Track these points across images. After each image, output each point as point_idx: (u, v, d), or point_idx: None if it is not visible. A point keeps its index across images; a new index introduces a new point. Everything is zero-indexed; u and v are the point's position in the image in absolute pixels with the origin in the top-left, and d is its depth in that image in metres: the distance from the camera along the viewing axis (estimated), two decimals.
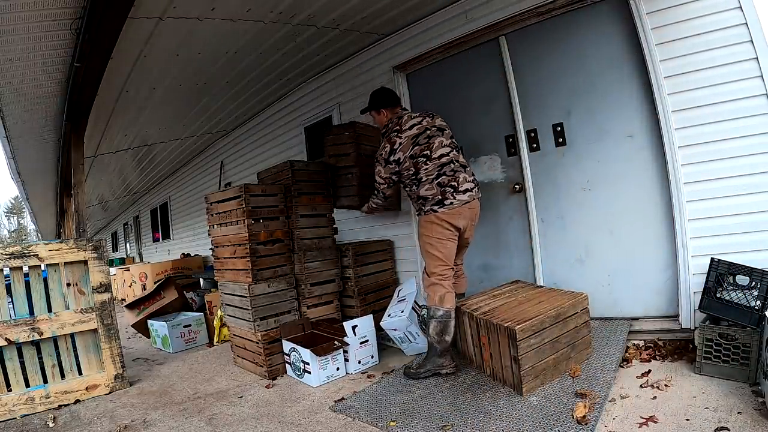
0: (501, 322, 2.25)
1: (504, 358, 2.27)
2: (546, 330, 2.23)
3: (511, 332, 2.16)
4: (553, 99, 3.04)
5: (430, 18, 3.50)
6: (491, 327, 2.33)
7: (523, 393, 2.15)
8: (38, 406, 2.77)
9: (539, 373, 2.20)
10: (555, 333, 2.26)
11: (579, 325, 2.38)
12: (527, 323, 2.17)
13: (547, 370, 2.24)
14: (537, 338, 2.19)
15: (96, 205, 11.19)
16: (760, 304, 2.13)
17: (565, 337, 2.30)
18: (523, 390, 2.15)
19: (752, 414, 1.79)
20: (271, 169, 3.53)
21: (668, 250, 2.67)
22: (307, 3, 3.08)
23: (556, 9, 2.91)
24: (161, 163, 7.80)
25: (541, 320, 2.22)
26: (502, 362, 2.30)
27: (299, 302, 3.23)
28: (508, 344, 2.21)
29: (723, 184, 2.42)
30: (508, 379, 2.27)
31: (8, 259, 2.80)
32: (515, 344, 2.15)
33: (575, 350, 2.35)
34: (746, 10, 2.28)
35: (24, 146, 4.95)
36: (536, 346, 2.19)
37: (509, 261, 3.34)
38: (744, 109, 2.33)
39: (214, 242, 3.42)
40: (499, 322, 2.27)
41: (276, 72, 4.33)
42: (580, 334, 2.38)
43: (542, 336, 2.21)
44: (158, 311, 4.54)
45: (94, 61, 3.01)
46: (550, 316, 2.25)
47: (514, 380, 2.21)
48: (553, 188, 3.08)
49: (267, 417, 2.38)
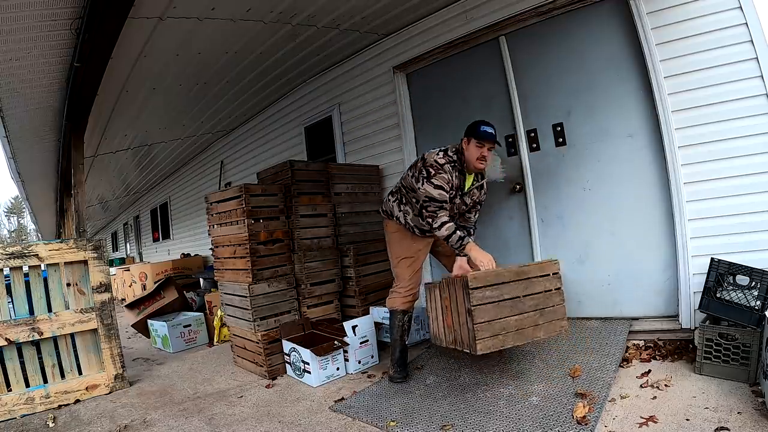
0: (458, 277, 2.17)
1: (461, 316, 2.12)
2: (505, 285, 2.08)
3: (464, 281, 2.04)
4: (553, 99, 3.04)
5: (430, 18, 3.50)
6: (450, 285, 2.20)
7: (477, 350, 1.99)
8: (38, 406, 2.77)
9: (498, 332, 2.04)
10: (517, 291, 2.10)
11: (549, 289, 2.18)
12: (482, 273, 2.08)
13: (508, 332, 2.06)
14: (494, 291, 2.04)
15: (96, 205, 11.20)
16: (760, 304, 2.13)
17: (531, 299, 2.12)
18: (477, 347, 1.98)
19: (752, 414, 1.79)
20: (271, 169, 3.53)
21: (668, 250, 2.67)
22: (307, 3, 3.09)
23: (556, 9, 2.91)
24: (161, 163, 7.80)
25: (498, 273, 2.10)
26: (459, 320, 2.14)
27: (299, 302, 3.23)
28: (463, 297, 2.07)
29: (723, 184, 2.42)
30: (464, 338, 2.11)
31: (8, 259, 2.80)
32: (468, 294, 2.01)
33: (544, 317, 2.15)
34: (746, 10, 2.28)
35: (24, 146, 4.96)
36: (493, 299, 2.04)
37: (509, 261, 3.32)
38: (744, 109, 2.33)
39: (214, 242, 3.42)
40: (455, 277, 2.20)
41: (276, 72, 4.33)
42: (550, 301, 2.18)
43: (501, 291, 2.06)
44: (158, 311, 4.54)
45: (94, 61, 3.01)
46: (510, 271, 2.12)
47: (469, 337, 2.05)
48: (553, 188, 3.08)
49: (267, 417, 2.38)
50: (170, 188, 9.34)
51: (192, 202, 8.17)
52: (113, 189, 9.86)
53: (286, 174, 3.33)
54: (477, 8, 3.22)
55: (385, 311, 2.88)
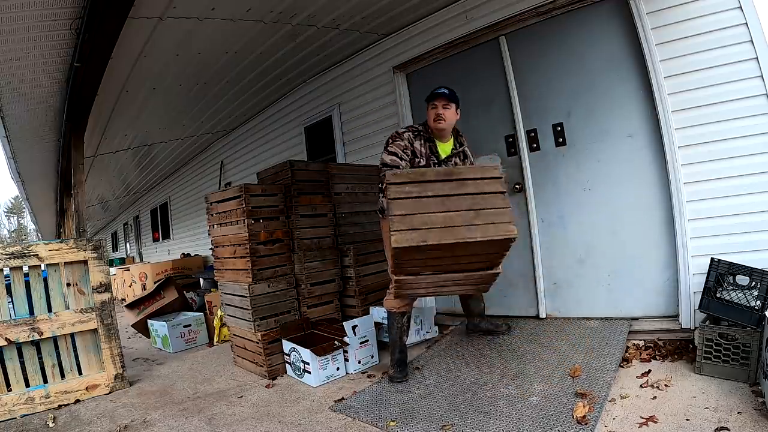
0: None
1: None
2: (430, 183, 2.00)
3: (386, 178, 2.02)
4: (553, 99, 3.04)
5: (430, 18, 3.50)
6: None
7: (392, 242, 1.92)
8: (38, 406, 2.77)
9: (418, 226, 1.94)
10: (445, 190, 2.01)
11: (487, 192, 2.03)
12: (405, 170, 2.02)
13: (432, 227, 1.95)
14: (416, 187, 1.98)
15: (96, 205, 11.20)
16: (760, 304, 2.13)
17: (464, 199, 2.00)
18: (392, 238, 1.91)
19: (752, 414, 1.79)
20: (271, 169, 3.53)
21: (668, 250, 2.67)
22: (307, 3, 3.09)
23: (557, 9, 2.91)
24: (161, 163, 7.80)
25: (422, 171, 2.07)
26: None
27: (299, 302, 3.23)
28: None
29: (723, 184, 2.42)
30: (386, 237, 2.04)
31: (8, 258, 2.80)
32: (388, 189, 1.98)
33: (482, 218, 1.97)
34: (746, 10, 2.28)
35: (24, 146, 4.96)
36: (414, 194, 1.97)
37: (509, 261, 3.28)
38: (744, 109, 2.33)
39: (214, 242, 3.42)
40: None
41: (276, 72, 4.33)
42: (489, 203, 2.01)
43: (425, 187, 1.99)
44: (158, 311, 4.54)
45: (94, 61, 3.01)
46: (437, 172, 2.09)
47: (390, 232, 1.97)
48: (553, 188, 3.08)
49: (267, 417, 2.38)
50: (170, 188, 9.34)
51: (192, 202, 8.17)
52: (113, 189, 9.86)
53: (286, 174, 3.33)
54: (477, 8, 3.22)
55: (384, 311, 2.88)
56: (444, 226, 1.93)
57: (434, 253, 2.02)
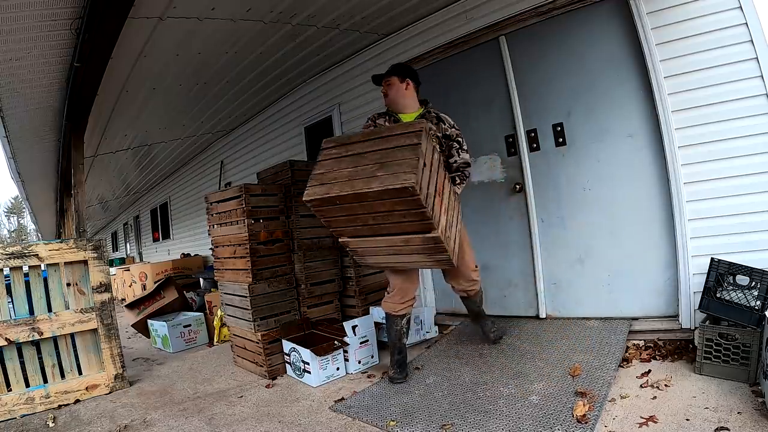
0: None
1: None
2: (355, 144, 2.09)
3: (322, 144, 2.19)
4: (553, 99, 3.04)
5: (430, 18, 3.50)
6: None
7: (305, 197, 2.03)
8: (38, 406, 2.77)
9: (327, 181, 2.02)
10: (364, 148, 2.07)
11: (402, 145, 2.00)
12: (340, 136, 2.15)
13: (337, 182, 2.01)
14: (340, 149, 2.08)
15: (96, 205, 11.20)
16: (760, 304, 2.13)
17: (375, 154, 2.02)
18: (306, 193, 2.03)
19: (752, 414, 1.79)
20: (271, 169, 3.53)
21: (668, 250, 2.66)
22: (307, 3, 3.08)
23: (556, 9, 2.91)
24: (161, 163, 7.80)
25: (350, 135, 2.19)
26: None
27: (299, 302, 3.23)
28: None
29: (723, 184, 2.42)
30: None
31: (8, 258, 2.80)
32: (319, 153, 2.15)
33: (384, 170, 1.94)
34: (746, 10, 2.28)
35: (24, 146, 4.96)
36: (333, 156, 2.09)
37: (509, 261, 3.34)
38: (744, 109, 2.33)
39: (214, 242, 3.42)
40: None
41: (276, 72, 4.33)
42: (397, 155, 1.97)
43: (347, 148, 2.09)
44: (158, 311, 4.54)
45: (94, 61, 3.00)
46: (364, 133, 2.18)
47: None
48: (553, 188, 3.08)
49: (267, 417, 2.38)
50: (170, 188, 9.34)
51: (192, 202, 8.17)
52: (113, 189, 9.86)
53: (286, 174, 3.33)
54: (477, 8, 3.22)
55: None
56: (348, 179, 1.95)
57: (347, 208, 2.02)
